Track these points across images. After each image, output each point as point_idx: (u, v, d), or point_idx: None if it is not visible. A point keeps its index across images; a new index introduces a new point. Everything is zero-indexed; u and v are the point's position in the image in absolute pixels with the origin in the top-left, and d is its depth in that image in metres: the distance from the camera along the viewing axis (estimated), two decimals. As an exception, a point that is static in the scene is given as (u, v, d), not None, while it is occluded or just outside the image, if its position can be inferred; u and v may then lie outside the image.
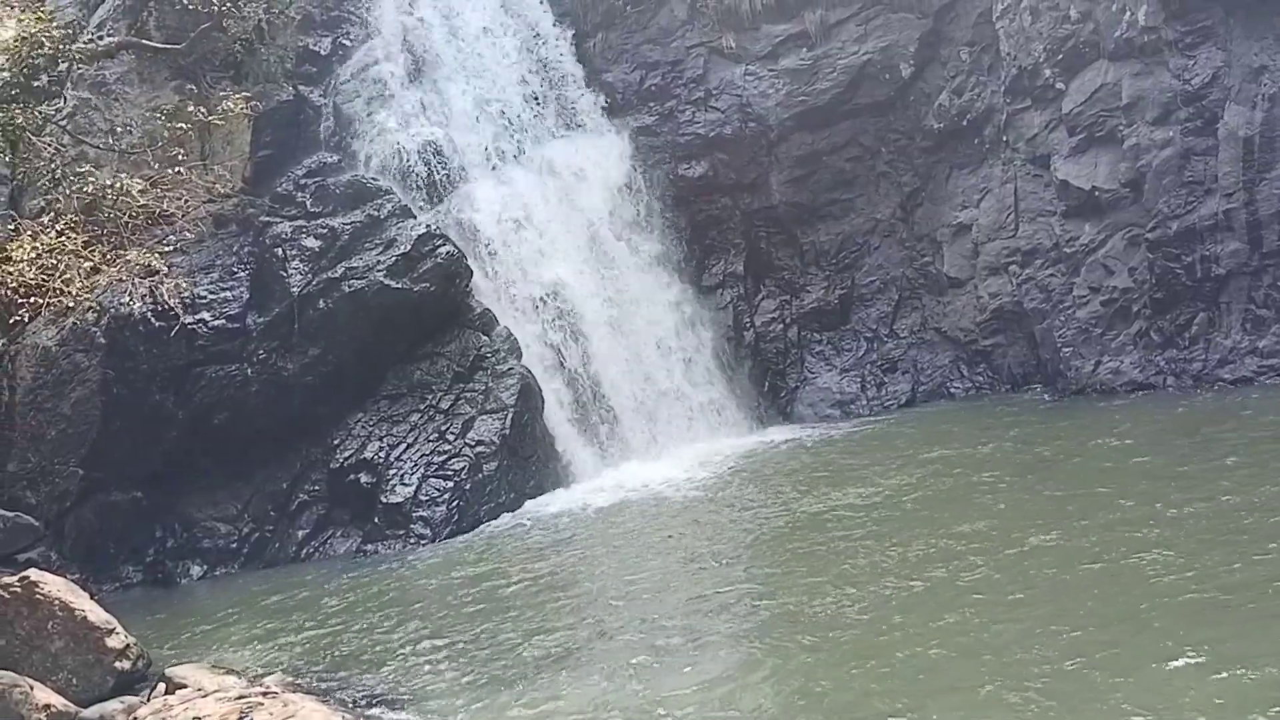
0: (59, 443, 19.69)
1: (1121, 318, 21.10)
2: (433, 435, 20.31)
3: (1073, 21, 21.61)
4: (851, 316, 24.99)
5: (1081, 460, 16.89)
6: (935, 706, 9.53)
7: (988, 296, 23.40)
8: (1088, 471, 16.14)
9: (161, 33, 21.53)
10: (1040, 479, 16.20)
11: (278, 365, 20.59)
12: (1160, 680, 9.33)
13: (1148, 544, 12.47)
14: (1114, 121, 21.13)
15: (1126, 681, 9.40)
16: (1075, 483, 15.65)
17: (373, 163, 22.86)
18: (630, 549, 16.34)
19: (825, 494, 17.14)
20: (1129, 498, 14.36)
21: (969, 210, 23.84)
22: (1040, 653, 10.25)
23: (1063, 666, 9.86)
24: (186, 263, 20.14)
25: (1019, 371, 23.15)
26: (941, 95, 24.13)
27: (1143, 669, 9.59)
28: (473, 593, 15.16)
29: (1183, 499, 13.75)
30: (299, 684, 12.09)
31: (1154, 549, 12.27)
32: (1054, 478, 16.17)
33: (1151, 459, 16.09)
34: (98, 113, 21.24)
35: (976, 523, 14.36)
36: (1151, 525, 13.10)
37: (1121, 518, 13.61)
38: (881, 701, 9.82)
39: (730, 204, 25.23)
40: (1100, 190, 21.30)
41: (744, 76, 24.84)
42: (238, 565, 19.96)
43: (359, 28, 24.15)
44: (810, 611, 12.20)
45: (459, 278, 21.44)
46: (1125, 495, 14.50)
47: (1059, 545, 13.10)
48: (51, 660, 12.39)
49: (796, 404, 24.62)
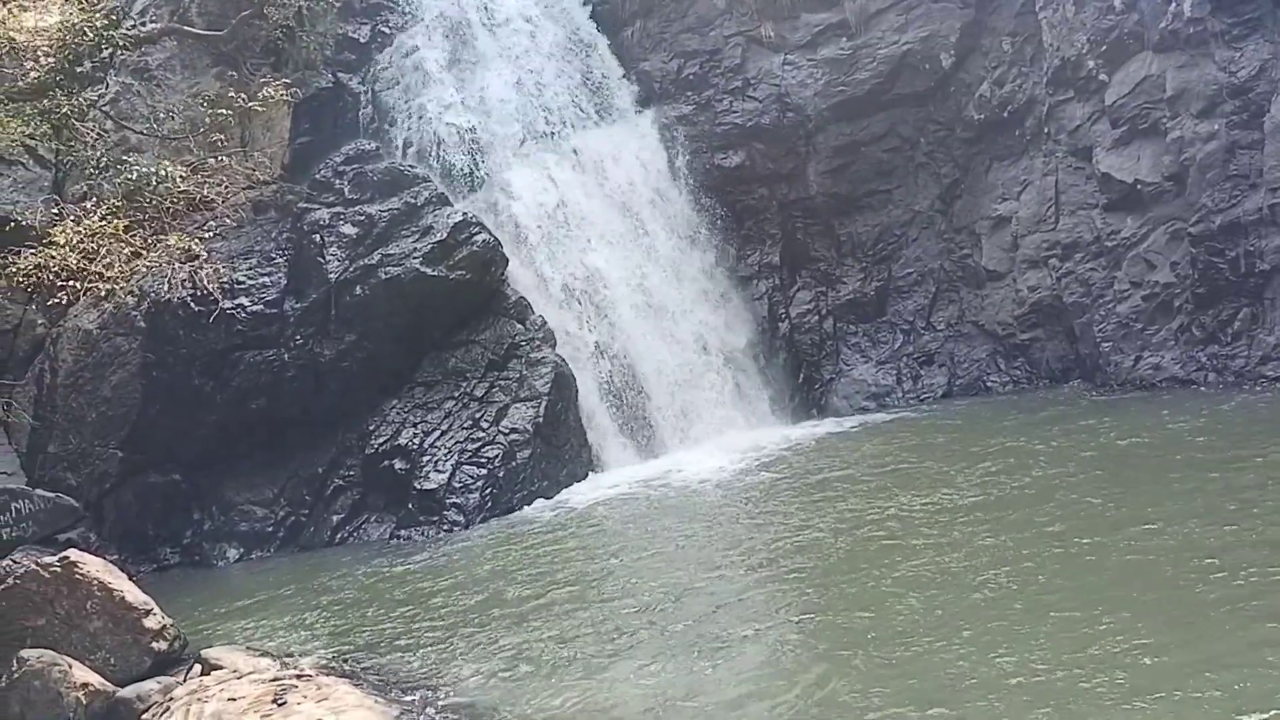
0: (99, 425, 19.95)
1: (1163, 313, 20.84)
2: (467, 422, 20.39)
3: (1117, 12, 21.33)
4: (888, 308, 24.84)
5: (1142, 455, 16.33)
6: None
7: (1027, 290, 23.16)
8: (1149, 467, 15.59)
9: (203, 19, 21.68)
10: (1102, 475, 15.57)
11: (314, 351, 20.74)
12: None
13: (1236, 546, 11.81)
14: (1158, 114, 20.84)
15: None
16: (1139, 479, 15.12)
17: (410, 150, 22.97)
18: (663, 539, 16.32)
19: (869, 489, 16.76)
20: (1203, 494, 13.79)
21: (1009, 202, 23.61)
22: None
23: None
24: (226, 248, 20.29)
25: (1057, 366, 22.92)
26: (982, 86, 23.90)
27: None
28: (505, 580, 15.21)
29: (1259, 496, 13.31)
30: (332, 667, 12.17)
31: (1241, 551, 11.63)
32: (1116, 474, 15.57)
33: (1210, 454, 15.59)
34: (140, 99, 21.44)
35: (1031, 523, 13.80)
36: (1239, 523, 12.44)
37: (1202, 516, 12.94)
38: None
39: (767, 194, 25.12)
40: (1143, 183, 21.03)
41: (782, 66, 24.70)
42: (273, 548, 20.16)
43: (398, 15, 24.25)
44: (859, 619, 11.76)
45: (494, 265, 21.49)
46: (1200, 491, 13.92)
47: (1136, 545, 12.49)
48: (90, 640, 12.52)
49: (831, 396, 24.51)
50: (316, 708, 10.24)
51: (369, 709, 10.43)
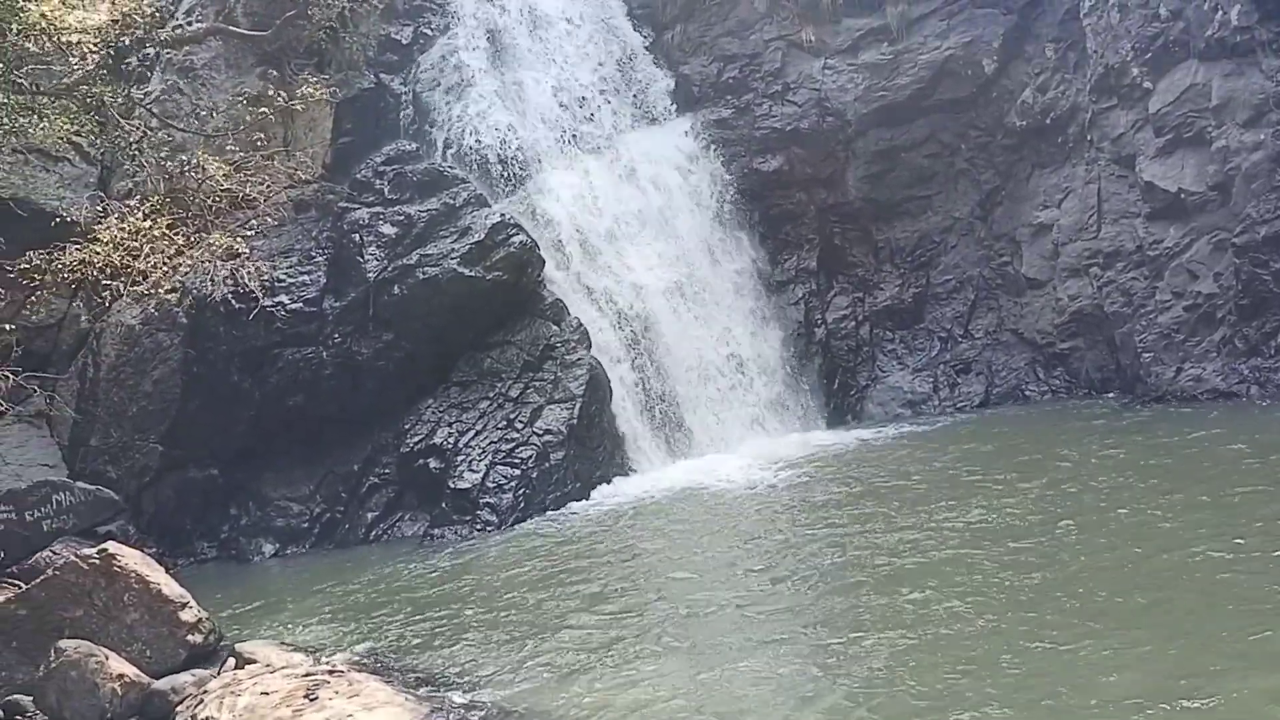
0: (140, 419, 20.21)
1: (1205, 324, 20.58)
2: (501, 423, 20.47)
3: (1162, 20, 21.10)
4: (925, 315, 24.70)
5: (1200, 469, 15.87)
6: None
7: (1067, 299, 22.95)
8: (1210, 480, 15.07)
9: (248, 19, 21.93)
10: (1160, 488, 15.04)
11: (352, 349, 20.90)
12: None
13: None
14: (1203, 123, 20.60)
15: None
16: (1200, 492, 14.52)
17: (450, 151, 23.10)
18: (694, 542, 16.32)
19: (907, 499, 16.41)
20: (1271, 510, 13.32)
21: (1050, 210, 23.41)
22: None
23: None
24: (266, 246, 20.49)
25: (1096, 376, 22.68)
26: (1025, 92, 23.72)
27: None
28: (537, 580, 15.25)
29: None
30: (364, 663, 12.26)
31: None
32: (1174, 487, 15.01)
33: (1269, 469, 15.15)
34: (184, 97, 21.72)
35: (1093, 540, 13.29)
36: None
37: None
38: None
39: (805, 199, 25.05)
40: (1187, 193, 20.79)
41: (822, 70, 24.64)
42: (308, 545, 20.33)
43: (440, 17, 24.41)
44: (898, 638, 11.27)
45: (531, 267, 21.56)
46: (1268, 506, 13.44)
47: (1213, 562, 11.89)
48: (127, 631, 12.65)
49: (866, 403, 24.40)
50: (347, 703, 10.32)
51: (399, 706, 10.49)
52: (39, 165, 19.70)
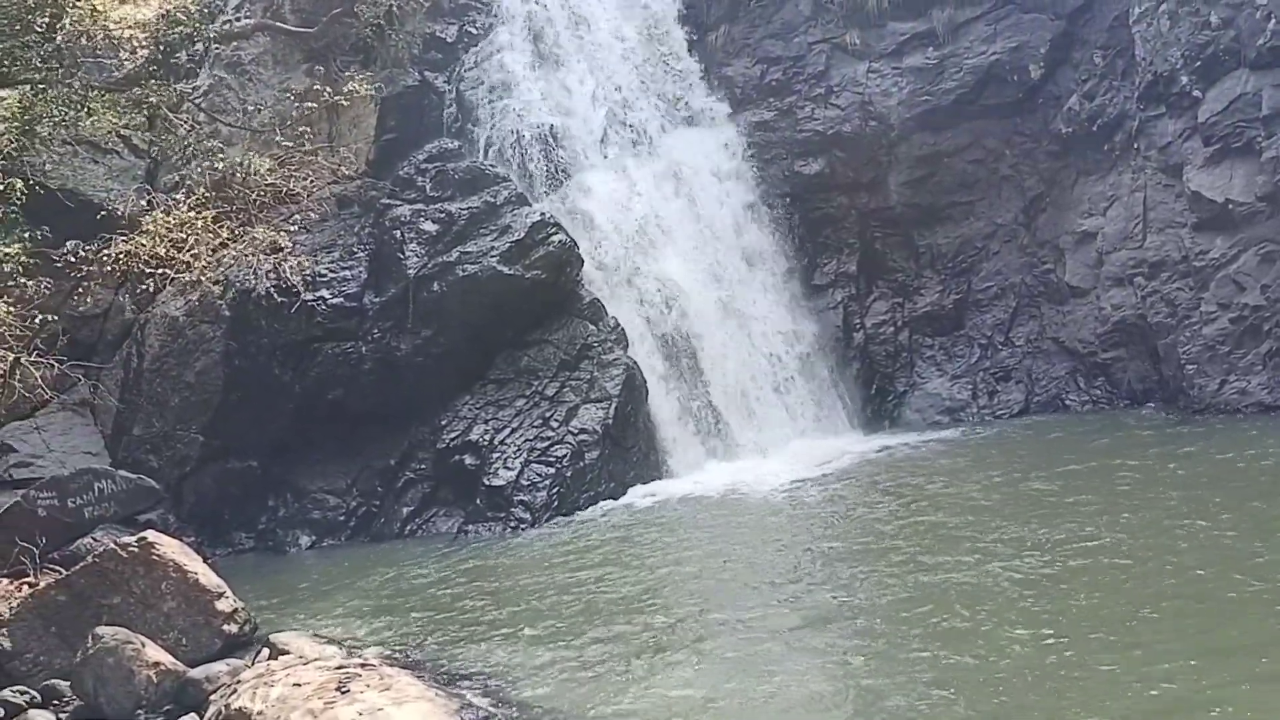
0: (182, 410, 20.47)
1: (1251, 336, 20.27)
2: (537, 421, 20.53)
3: (1213, 28, 20.80)
4: (966, 322, 24.47)
5: (1260, 485, 15.47)
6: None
7: (1110, 308, 22.67)
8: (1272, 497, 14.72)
9: (296, 16, 22.17)
10: (1220, 505, 14.44)
11: (391, 345, 21.04)
12: None
13: None
14: (1252, 132, 20.29)
15: None
16: (1264, 511, 14.12)
17: (492, 149, 23.23)
18: (728, 547, 16.23)
19: (951, 509, 16.08)
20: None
21: (1095, 218, 23.14)
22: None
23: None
24: (309, 241, 20.71)
25: (1139, 387, 22.39)
26: (1071, 99, 23.45)
27: None
28: (569, 580, 15.28)
29: None
30: (395, 657, 12.35)
31: None
32: (1236, 505, 14.43)
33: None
34: (232, 92, 21.99)
35: (1158, 558, 12.75)
36: None
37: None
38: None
39: (846, 203, 24.91)
40: (1235, 203, 20.49)
41: (866, 74, 24.50)
42: (344, 537, 20.50)
43: (485, 15, 24.53)
44: (941, 659, 10.92)
45: (570, 266, 21.61)
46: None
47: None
48: (163, 620, 12.83)
49: (904, 409, 24.22)
50: (379, 697, 10.38)
51: (430, 701, 10.55)
52: (88, 157, 20.02)
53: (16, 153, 14.70)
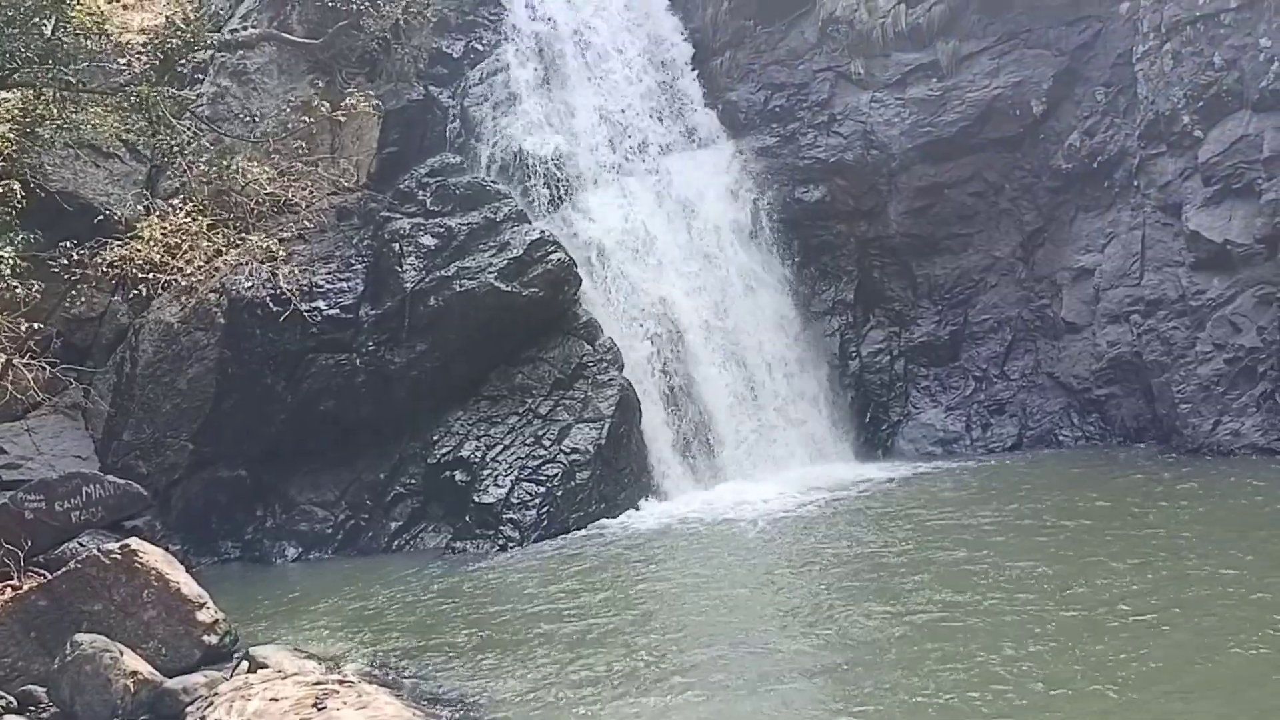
0: (173, 416, 20.41)
1: (1246, 378, 20.26)
2: (529, 439, 20.48)
3: (1216, 69, 20.87)
4: (961, 354, 24.47)
5: (1254, 524, 15.43)
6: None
7: (1105, 345, 22.67)
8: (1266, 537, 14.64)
9: (303, 27, 22.24)
10: (1221, 544, 14.42)
11: (385, 358, 21.00)
12: None
13: None
14: (1253, 174, 20.32)
15: None
16: (1257, 550, 14.04)
17: (494, 166, 23.25)
18: (716, 573, 16.14)
19: (946, 541, 15.98)
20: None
21: (1092, 254, 23.16)
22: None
23: None
24: (307, 251, 20.72)
25: (1132, 425, 22.37)
26: (1072, 135, 23.51)
27: None
28: (555, 600, 15.20)
29: None
30: (375, 675, 12.27)
31: None
32: (1231, 544, 14.43)
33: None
34: (236, 100, 22.03)
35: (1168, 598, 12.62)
36: None
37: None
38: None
39: (845, 231, 24.95)
40: (1233, 244, 20.50)
41: (869, 103, 24.56)
42: (331, 550, 20.42)
43: (492, 33, 24.57)
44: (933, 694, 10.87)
45: (568, 285, 21.60)
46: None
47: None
48: (143, 628, 12.77)
49: (898, 439, 24.20)
50: (355, 715, 10.32)
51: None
52: (89, 161, 20.05)
53: (17, 154, 14.70)
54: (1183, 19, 21.34)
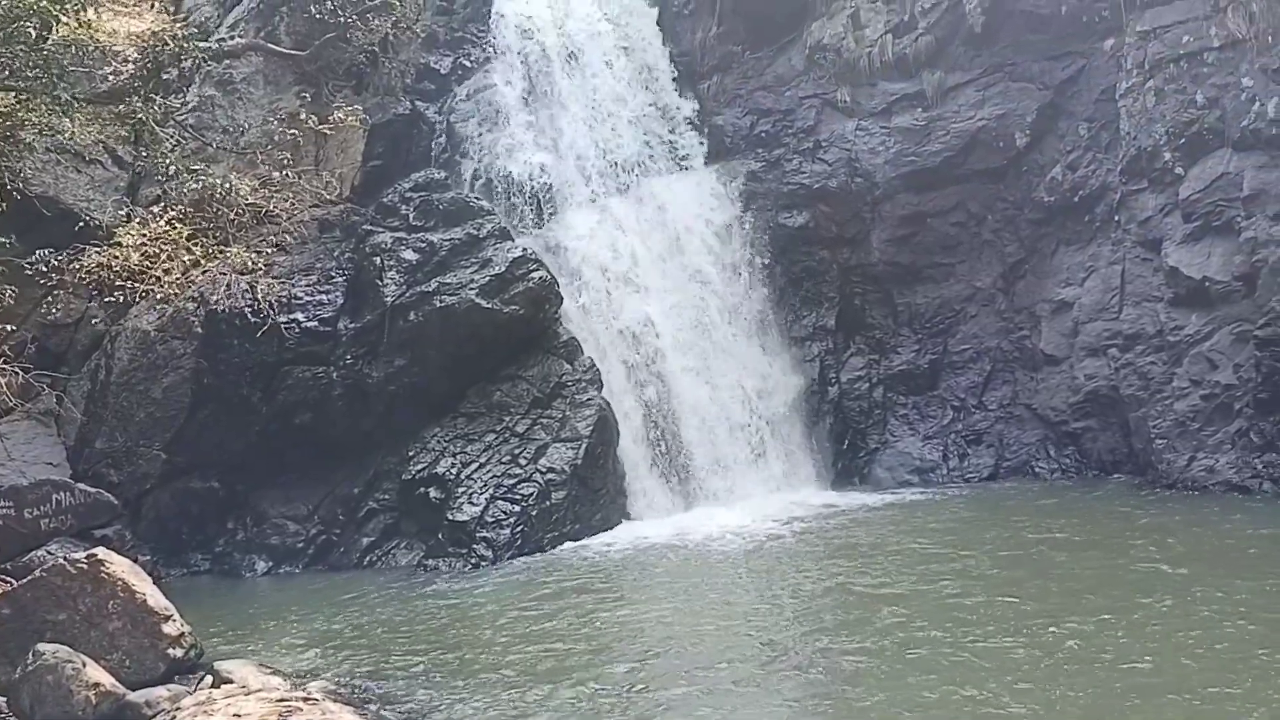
0: (146, 425, 20.27)
1: (1222, 414, 20.34)
2: (505, 457, 20.39)
3: (1198, 107, 21.04)
4: (940, 383, 24.52)
5: (1230, 560, 15.41)
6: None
7: (1083, 378, 22.76)
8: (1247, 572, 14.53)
9: (291, 38, 22.17)
10: (1210, 580, 14.26)
11: (363, 372, 20.91)
12: None
13: None
14: (1232, 212, 20.47)
15: None
16: (1228, 581, 14.01)
17: (478, 182, 23.26)
18: (689, 599, 16.03)
19: (916, 570, 15.98)
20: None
21: (1072, 288, 23.27)
22: None
23: None
24: (288, 263, 20.59)
25: (1108, 458, 22.44)
26: (1055, 169, 23.66)
27: None
28: (527, 623, 15.05)
29: None
30: (340, 693, 12.12)
31: None
32: (1213, 579, 14.31)
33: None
34: (221, 110, 21.94)
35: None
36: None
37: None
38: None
39: (828, 257, 25.01)
40: (1211, 281, 20.63)
41: (855, 131, 24.67)
42: (302, 565, 20.27)
43: (480, 50, 24.61)
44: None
45: (549, 303, 21.57)
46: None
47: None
48: (108, 640, 12.60)
49: (875, 466, 24.19)
50: (319, 733, 10.20)
51: (371, 740, 10.36)
52: (70, 166, 19.89)
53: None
54: (1166, 57, 21.53)
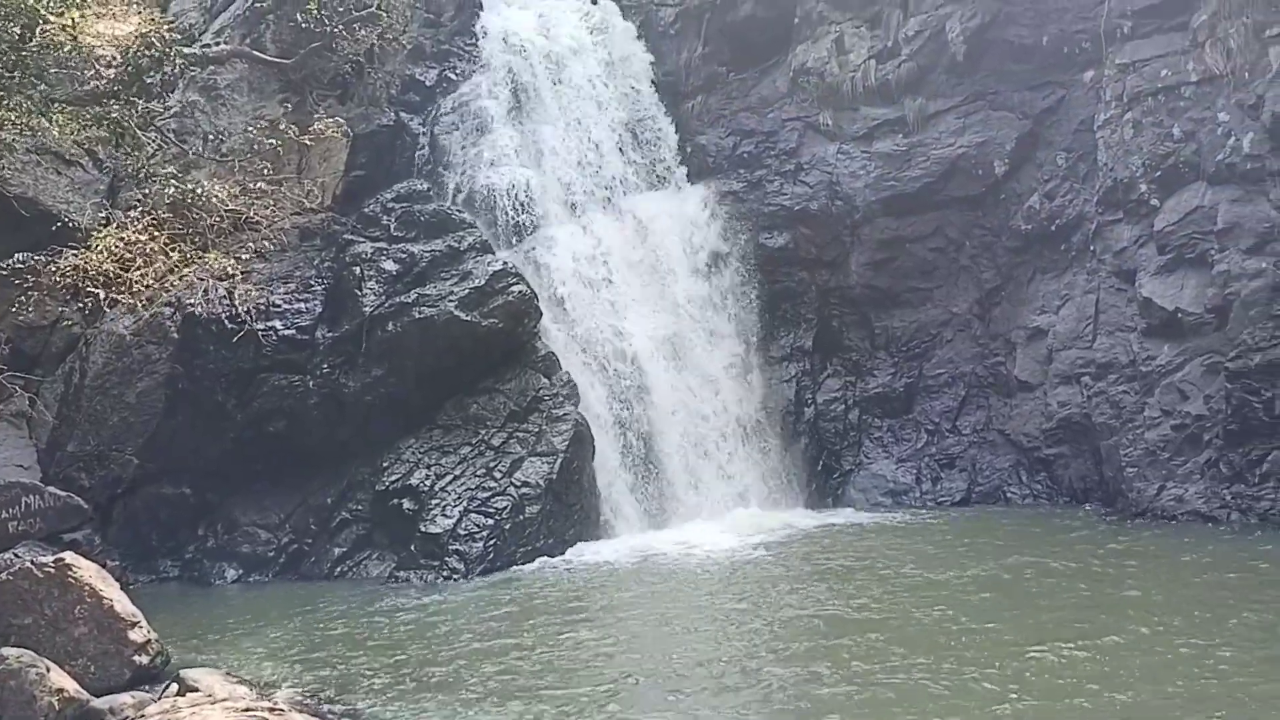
0: (119, 429, 20.15)
1: (1191, 445, 20.53)
2: (480, 470, 20.37)
3: (1175, 140, 21.31)
4: (915, 406, 24.67)
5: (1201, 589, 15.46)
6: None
7: (1056, 405, 22.94)
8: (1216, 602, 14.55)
9: (277, 46, 22.19)
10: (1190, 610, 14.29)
11: (340, 381, 20.86)
12: None
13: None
14: (1206, 245, 20.71)
15: None
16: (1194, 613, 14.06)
17: (460, 195, 23.27)
18: (661, 617, 15.97)
19: (886, 589, 16.10)
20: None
21: (1047, 315, 23.48)
22: None
23: None
24: (266, 270, 20.54)
25: (1079, 485, 22.61)
26: (1033, 197, 23.89)
27: None
28: (497, 637, 15.01)
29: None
30: (306, 704, 12.08)
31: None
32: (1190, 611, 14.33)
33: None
34: (204, 115, 21.92)
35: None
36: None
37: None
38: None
39: (807, 278, 25.17)
40: (1184, 312, 20.85)
41: (836, 155, 24.86)
42: (272, 574, 20.17)
43: (466, 63, 24.68)
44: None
45: (528, 317, 21.59)
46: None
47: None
48: (73, 645, 12.54)
49: (849, 487, 24.30)
50: (283, 744, 10.17)
51: (335, 751, 10.33)
52: (50, 168, 19.80)
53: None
54: (1144, 90, 21.80)
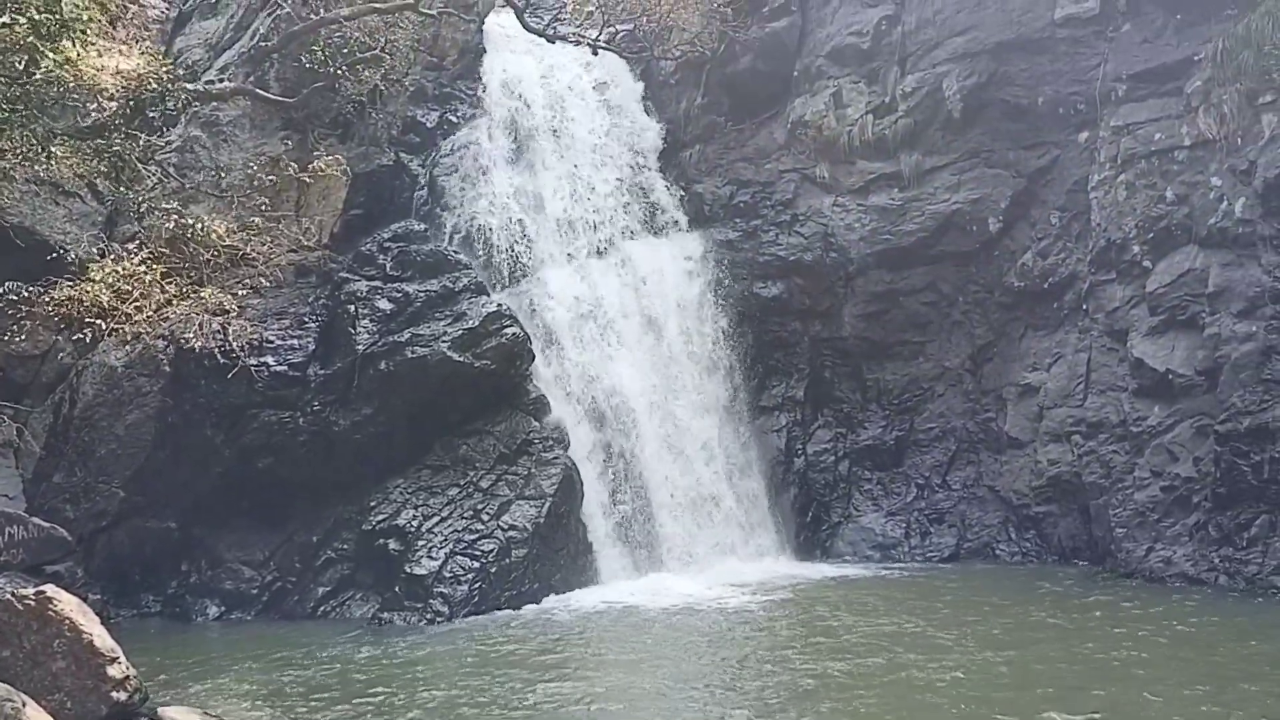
0: (106, 462, 20.04)
1: (1180, 506, 20.53)
2: (468, 512, 20.30)
3: (1168, 203, 21.49)
4: (905, 460, 24.69)
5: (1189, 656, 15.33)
6: None
7: (1046, 463, 22.97)
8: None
9: (280, 84, 22.31)
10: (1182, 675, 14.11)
11: (330, 419, 20.82)
12: None
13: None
14: (1197, 307, 20.84)
15: None
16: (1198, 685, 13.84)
17: (457, 236, 23.36)
18: (645, 669, 15.78)
19: (874, 646, 15.94)
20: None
21: (1039, 373, 23.56)
22: None
23: None
24: (261, 306, 20.53)
25: (1068, 544, 22.59)
26: (1026, 255, 24.05)
27: None
28: (476, 685, 14.85)
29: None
30: (283, 746, 11.96)
31: None
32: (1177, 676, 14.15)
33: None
34: (205, 151, 21.98)
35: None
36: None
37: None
38: None
39: (800, 329, 25.26)
40: (1175, 374, 20.92)
41: (832, 207, 25.05)
42: (255, 612, 20.03)
43: (468, 106, 24.87)
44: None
45: (520, 360, 21.61)
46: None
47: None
48: (51, 679, 12.35)
49: (837, 540, 24.25)
50: (258, 786, 10.03)
51: (311, 796, 10.19)
52: (49, 198, 19.85)
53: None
54: (1138, 153, 22.02)
